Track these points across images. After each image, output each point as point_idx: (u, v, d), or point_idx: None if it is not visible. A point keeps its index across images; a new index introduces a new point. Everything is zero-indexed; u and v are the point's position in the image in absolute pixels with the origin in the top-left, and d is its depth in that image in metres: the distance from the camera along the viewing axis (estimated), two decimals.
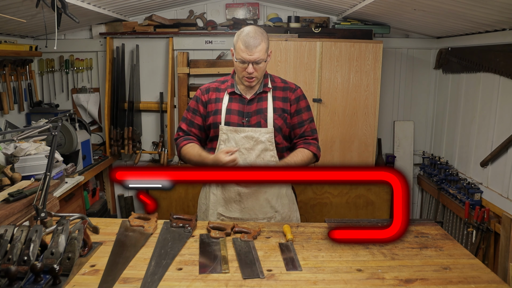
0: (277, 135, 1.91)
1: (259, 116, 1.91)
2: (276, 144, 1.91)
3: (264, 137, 1.89)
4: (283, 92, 1.96)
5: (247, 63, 1.81)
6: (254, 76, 1.85)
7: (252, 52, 1.78)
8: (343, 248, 1.56)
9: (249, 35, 1.79)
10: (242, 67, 1.83)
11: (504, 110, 2.71)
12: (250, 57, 1.79)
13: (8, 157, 2.46)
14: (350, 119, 3.39)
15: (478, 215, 2.79)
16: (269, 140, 1.89)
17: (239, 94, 1.93)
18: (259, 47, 1.79)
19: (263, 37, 1.82)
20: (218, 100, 1.95)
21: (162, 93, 3.82)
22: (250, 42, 1.78)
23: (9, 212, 1.70)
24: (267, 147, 1.89)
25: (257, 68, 1.82)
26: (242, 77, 1.88)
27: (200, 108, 1.98)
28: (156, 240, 1.59)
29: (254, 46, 1.78)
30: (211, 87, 2.01)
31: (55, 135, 1.75)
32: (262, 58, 1.81)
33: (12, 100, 3.35)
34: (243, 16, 3.71)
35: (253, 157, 1.89)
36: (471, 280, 1.36)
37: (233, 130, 1.90)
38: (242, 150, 1.89)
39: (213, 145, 1.96)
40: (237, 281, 1.33)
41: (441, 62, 3.61)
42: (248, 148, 1.89)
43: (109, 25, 3.69)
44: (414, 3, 2.48)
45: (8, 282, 1.25)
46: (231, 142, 1.90)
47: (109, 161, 3.78)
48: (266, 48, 1.83)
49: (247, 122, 1.91)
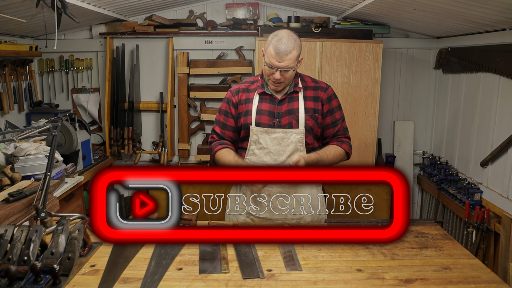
0: (307, 136, 1.90)
1: (291, 117, 1.89)
2: (306, 145, 1.90)
3: (295, 138, 1.87)
4: (314, 92, 1.94)
5: (275, 69, 1.78)
6: (281, 82, 1.83)
7: (282, 59, 1.75)
8: (343, 248, 1.56)
9: (282, 42, 1.75)
10: (270, 71, 1.81)
11: (504, 110, 2.71)
12: (279, 64, 1.76)
13: (8, 157, 2.46)
14: (350, 119, 3.39)
15: (478, 215, 2.79)
16: (300, 141, 1.88)
17: (270, 94, 1.91)
18: (290, 55, 1.75)
19: (295, 45, 1.78)
20: (248, 101, 1.94)
21: (162, 93, 3.82)
22: (281, 49, 1.74)
23: (9, 212, 1.70)
24: (297, 147, 1.88)
25: (285, 75, 1.80)
26: (269, 81, 1.86)
27: (231, 110, 1.96)
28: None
29: (284, 54, 1.74)
30: (241, 88, 1.99)
31: (55, 135, 1.75)
32: (291, 67, 1.78)
33: (12, 100, 3.35)
34: (243, 16, 3.71)
35: (283, 158, 1.87)
36: (471, 280, 1.36)
37: (263, 131, 1.88)
38: (273, 151, 1.88)
39: (244, 145, 1.95)
40: (237, 281, 1.33)
41: (441, 62, 3.61)
42: (278, 149, 1.88)
43: (109, 25, 3.69)
44: (414, 3, 2.48)
45: (8, 282, 1.25)
46: (261, 143, 1.89)
47: (109, 161, 3.78)
48: (297, 56, 1.80)
49: (278, 122, 1.89)
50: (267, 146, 1.87)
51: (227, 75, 3.73)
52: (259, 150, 1.89)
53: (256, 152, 1.90)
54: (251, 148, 1.91)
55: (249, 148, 1.92)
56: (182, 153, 3.86)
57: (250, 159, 1.92)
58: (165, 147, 3.84)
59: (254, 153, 1.91)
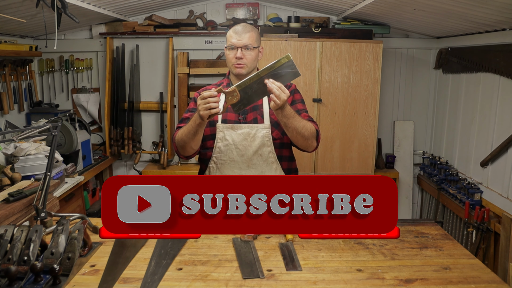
0: (274, 130, 1.92)
1: (255, 113, 1.94)
2: (273, 140, 1.92)
3: (261, 133, 1.91)
4: None
5: (236, 49, 1.86)
6: (243, 63, 1.88)
7: (241, 37, 1.86)
8: (343, 248, 1.56)
9: (239, 25, 1.90)
10: (231, 54, 1.89)
11: (504, 110, 2.71)
12: (239, 42, 1.86)
13: (8, 157, 2.46)
14: (350, 119, 3.39)
15: (478, 215, 2.79)
16: (266, 136, 1.91)
17: None
18: (248, 34, 1.87)
19: (253, 28, 1.90)
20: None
21: (162, 93, 3.82)
22: (239, 29, 1.88)
23: (9, 212, 1.70)
24: (264, 142, 1.91)
25: (246, 54, 1.87)
26: (231, 65, 1.91)
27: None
28: (156, 240, 1.59)
29: (243, 32, 1.86)
30: (207, 89, 2.02)
31: (55, 135, 1.75)
32: (251, 44, 1.87)
33: (12, 100, 3.36)
34: (243, 16, 3.71)
35: (250, 153, 1.91)
36: (471, 280, 1.36)
37: (229, 128, 1.91)
38: (240, 147, 1.91)
39: (208, 144, 1.96)
40: (237, 281, 1.33)
41: (441, 62, 3.62)
42: (245, 145, 1.91)
43: (109, 25, 3.69)
44: (414, 3, 2.48)
45: (8, 282, 1.25)
46: (227, 139, 1.91)
47: (109, 161, 3.78)
48: (256, 38, 1.89)
49: (244, 119, 1.93)
50: (234, 142, 1.91)
51: None
52: (225, 147, 1.92)
53: (222, 149, 1.93)
54: (218, 146, 1.93)
55: (215, 146, 1.94)
56: None
57: (217, 157, 1.95)
58: (165, 147, 3.83)
59: (221, 150, 1.93)
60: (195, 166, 3.84)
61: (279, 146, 1.95)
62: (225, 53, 1.93)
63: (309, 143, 1.87)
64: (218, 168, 1.95)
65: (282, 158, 1.97)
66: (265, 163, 1.92)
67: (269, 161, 1.93)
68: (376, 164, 3.71)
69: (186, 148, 1.88)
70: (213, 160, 1.96)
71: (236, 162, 1.92)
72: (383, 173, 3.71)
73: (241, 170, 1.92)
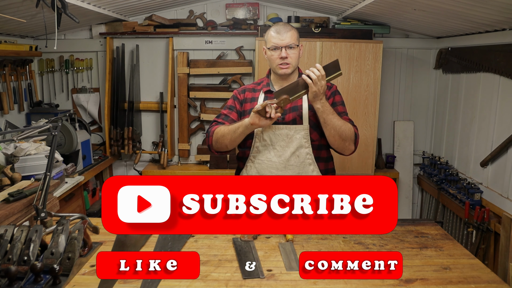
0: (313, 132, 1.91)
1: (295, 113, 1.92)
2: (311, 141, 1.91)
3: (299, 134, 1.89)
4: None
5: (280, 49, 1.86)
6: (289, 62, 1.88)
7: (283, 37, 1.85)
8: (343, 248, 1.57)
9: (279, 25, 1.90)
10: (275, 55, 1.88)
11: (504, 110, 2.71)
12: (282, 42, 1.85)
13: (8, 157, 2.46)
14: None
15: (478, 215, 2.79)
16: (304, 137, 1.89)
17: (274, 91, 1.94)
18: (289, 33, 1.87)
19: (292, 28, 1.91)
20: (254, 100, 1.97)
21: (162, 93, 3.82)
22: (280, 29, 1.87)
23: (9, 212, 1.70)
24: (302, 144, 1.89)
25: (290, 53, 1.87)
26: (276, 66, 1.90)
27: (236, 105, 2.00)
28: (156, 240, 1.59)
29: (285, 32, 1.86)
30: (247, 88, 2.05)
31: (55, 135, 1.75)
32: (294, 43, 1.87)
33: (12, 100, 3.35)
34: (243, 16, 3.71)
35: (288, 155, 1.89)
36: (471, 280, 1.36)
37: (268, 128, 1.90)
38: (277, 147, 1.90)
39: (247, 143, 1.96)
40: (237, 281, 1.33)
41: (441, 62, 3.62)
42: (283, 145, 1.90)
43: (109, 25, 3.69)
44: (414, 3, 2.48)
45: (8, 282, 1.25)
46: (265, 139, 1.91)
47: (109, 161, 3.78)
48: (297, 36, 1.90)
49: (282, 119, 1.91)
50: (272, 143, 1.90)
51: (227, 75, 3.73)
52: (263, 147, 1.92)
53: (260, 149, 1.93)
54: (256, 145, 1.93)
55: (253, 145, 1.94)
56: (182, 153, 3.86)
57: (254, 156, 1.94)
58: (165, 147, 3.83)
59: (259, 150, 1.93)
60: (195, 166, 3.84)
61: (317, 148, 1.93)
62: (267, 54, 1.92)
63: (346, 145, 1.87)
64: (256, 167, 1.94)
65: (320, 159, 1.95)
66: (302, 164, 1.91)
67: (306, 162, 1.91)
68: (376, 164, 3.71)
69: (222, 145, 1.90)
70: (250, 159, 1.95)
71: (273, 163, 1.90)
72: (383, 173, 3.71)
73: (278, 170, 1.90)
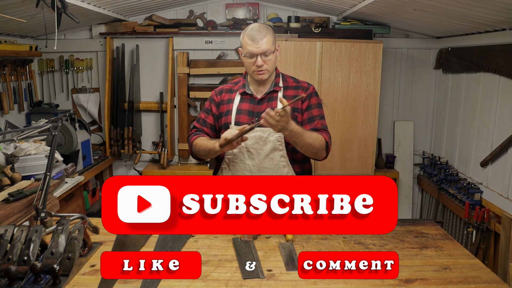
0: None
1: None
2: (286, 144, 1.89)
3: (273, 136, 1.88)
4: (294, 91, 1.94)
5: (255, 57, 1.81)
6: (265, 69, 1.84)
7: (259, 44, 1.79)
8: (343, 248, 1.56)
9: (254, 29, 1.81)
10: (251, 61, 1.83)
11: (504, 110, 2.71)
12: (257, 50, 1.79)
13: (8, 157, 2.46)
14: (350, 119, 3.39)
15: (478, 215, 2.79)
16: (278, 140, 1.88)
17: (250, 94, 1.93)
18: (265, 39, 1.79)
19: (268, 30, 1.82)
20: (230, 101, 1.95)
21: (162, 93, 3.82)
22: (255, 35, 1.79)
23: (9, 212, 1.70)
24: (276, 146, 1.88)
25: (266, 60, 1.82)
26: (252, 72, 1.87)
27: (212, 108, 1.98)
28: (156, 240, 1.59)
29: (260, 38, 1.78)
30: (224, 88, 2.01)
31: (55, 135, 1.75)
32: (269, 49, 1.81)
33: (12, 100, 3.36)
34: (243, 16, 3.71)
35: (262, 157, 1.88)
36: (471, 280, 1.36)
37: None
38: (251, 150, 1.89)
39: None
40: (237, 281, 1.33)
41: (441, 62, 3.62)
42: (257, 148, 1.89)
43: (109, 25, 3.69)
44: (414, 3, 2.48)
45: (8, 282, 1.25)
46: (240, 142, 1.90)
47: (109, 161, 3.78)
48: (273, 40, 1.83)
49: (257, 122, 1.90)
50: (246, 145, 1.88)
51: (227, 75, 3.73)
52: (237, 149, 1.89)
53: (234, 151, 1.90)
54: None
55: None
56: (182, 153, 3.86)
57: (229, 159, 1.94)
58: (165, 147, 3.84)
59: (233, 152, 1.91)
60: (195, 166, 3.84)
61: (292, 150, 1.91)
62: (243, 59, 1.87)
63: (318, 154, 1.87)
64: (230, 170, 1.94)
65: (295, 161, 1.93)
66: (276, 167, 1.89)
67: (280, 165, 1.90)
68: (376, 164, 3.71)
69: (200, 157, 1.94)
70: (225, 161, 1.95)
71: (247, 165, 1.90)
72: (383, 173, 3.71)
73: (251, 173, 1.89)
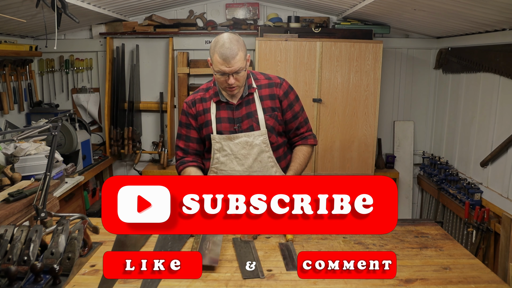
0: (271, 135, 1.90)
1: (250, 120, 1.88)
2: (271, 144, 1.90)
3: (258, 140, 1.88)
4: (269, 90, 1.92)
5: (227, 75, 1.76)
6: (236, 85, 1.80)
7: (230, 64, 1.72)
8: (343, 248, 1.56)
9: (225, 46, 1.72)
10: (222, 78, 1.78)
11: (504, 110, 2.71)
12: (229, 69, 1.74)
13: (8, 157, 2.46)
14: (350, 119, 3.39)
15: (478, 215, 2.79)
16: (264, 142, 1.89)
17: (226, 101, 1.90)
18: (237, 57, 1.72)
19: (239, 46, 1.75)
20: (206, 111, 1.91)
21: (162, 93, 3.82)
22: (227, 53, 1.71)
23: (9, 212, 1.70)
24: (262, 149, 1.89)
25: (238, 77, 1.78)
26: (224, 88, 1.84)
27: (192, 122, 1.93)
28: (156, 240, 1.59)
29: (231, 57, 1.71)
30: (196, 98, 1.95)
31: (55, 135, 1.75)
32: (241, 67, 1.76)
33: (12, 100, 3.35)
34: (243, 16, 3.71)
35: (250, 162, 1.89)
36: (471, 280, 1.36)
37: (226, 138, 1.88)
38: (239, 156, 1.88)
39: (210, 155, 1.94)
40: (237, 281, 1.33)
41: (441, 62, 3.62)
42: (244, 153, 1.88)
43: (109, 25, 3.69)
44: (414, 3, 2.48)
45: (8, 282, 1.25)
46: (226, 150, 1.89)
47: (109, 161, 3.78)
48: (244, 56, 1.77)
49: (239, 128, 1.89)
50: (233, 152, 1.87)
51: None
52: (224, 157, 1.89)
53: (221, 159, 1.90)
54: (216, 157, 1.90)
55: (213, 157, 1.91)
56: None
57: (217, 167, 1.92)
58: (165, 147, 3.83)
59: (220, 160, 1.90)
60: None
61: (276, 148, 1.94)
62: (213, 73, 1.82)
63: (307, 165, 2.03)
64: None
65: (280, 158, 1.96)
66: (265, 168, 1.91)
67: (268, 166, 1.91)
68: (376, 164, 3.71)
69: None
70: (212, 170, 1.93)
71: (237, 172, 1.89)
72: (383, 173, 3.71)
73: None
